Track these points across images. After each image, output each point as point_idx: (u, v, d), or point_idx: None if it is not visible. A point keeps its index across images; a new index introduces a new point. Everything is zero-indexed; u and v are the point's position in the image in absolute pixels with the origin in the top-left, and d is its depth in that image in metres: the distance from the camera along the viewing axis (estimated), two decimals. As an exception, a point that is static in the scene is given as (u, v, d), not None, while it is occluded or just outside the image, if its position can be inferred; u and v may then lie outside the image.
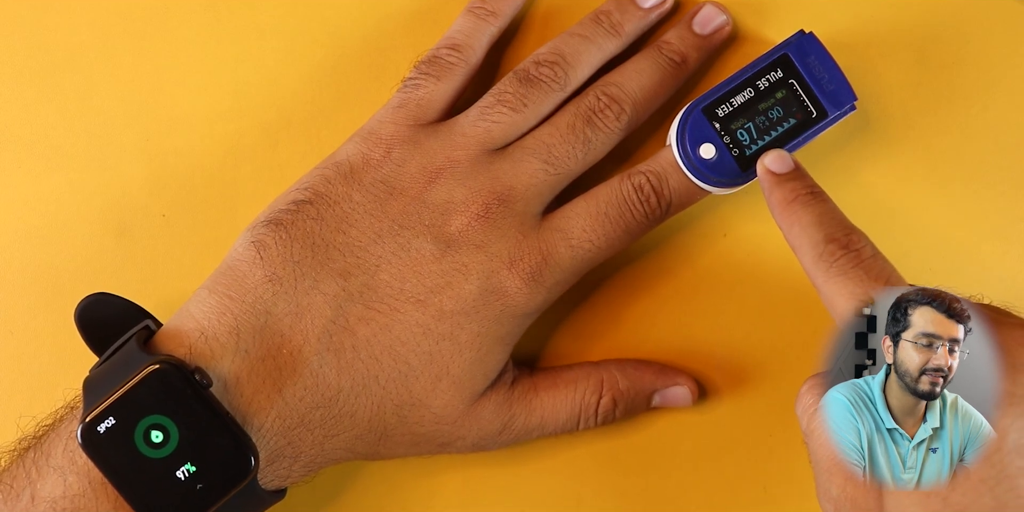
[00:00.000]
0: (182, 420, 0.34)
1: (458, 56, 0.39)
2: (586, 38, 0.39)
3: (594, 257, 0.38)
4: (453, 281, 0.37)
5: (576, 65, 0.39)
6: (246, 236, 0.37)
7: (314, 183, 0.38)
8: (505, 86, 0.39)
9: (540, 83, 0.39)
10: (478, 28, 0.40)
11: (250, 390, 0.35)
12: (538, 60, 0.39)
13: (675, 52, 0.40)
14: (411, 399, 0.37)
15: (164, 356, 0.34)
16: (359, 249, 0.37)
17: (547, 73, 0.39)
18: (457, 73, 0.39)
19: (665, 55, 0.40)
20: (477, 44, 0.40)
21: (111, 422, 0.33)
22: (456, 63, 0.39)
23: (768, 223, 0.41)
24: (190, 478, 0.33)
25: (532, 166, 0.38)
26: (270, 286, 0.36)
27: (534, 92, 0.39)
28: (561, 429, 0.40)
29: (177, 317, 0.37)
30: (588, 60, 0.39)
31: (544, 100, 0.39)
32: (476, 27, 0.40)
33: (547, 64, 0.39)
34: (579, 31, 0.40)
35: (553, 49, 0.39)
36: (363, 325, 0.37)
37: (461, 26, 0.40)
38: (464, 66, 0.40)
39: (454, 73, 0.39)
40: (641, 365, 0.41)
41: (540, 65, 0.39)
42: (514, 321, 0.38)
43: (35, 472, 0.34)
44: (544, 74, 0.39)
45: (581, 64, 0.39)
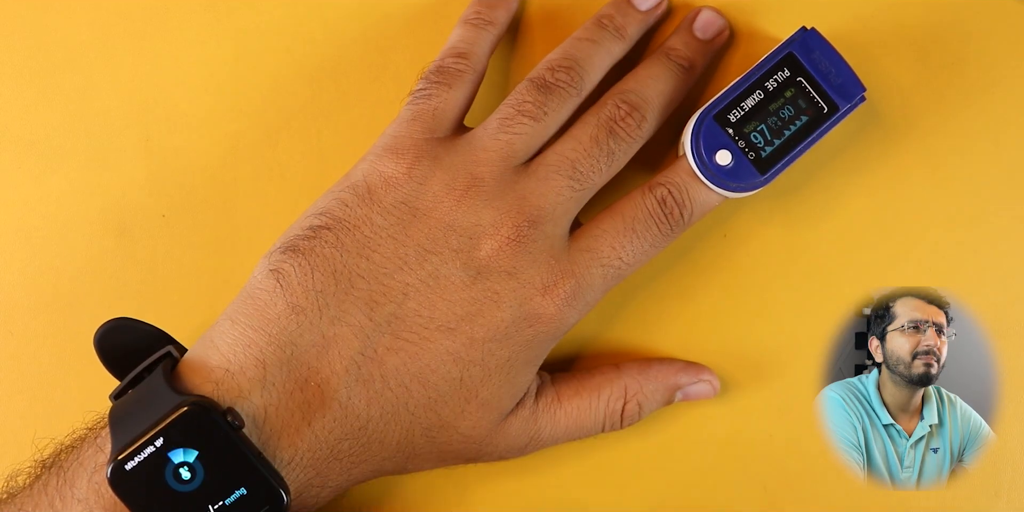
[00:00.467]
0: (213, 460, 0.33)
1: (465, 63, 0.39)
2: (595, 42, 0.39)
3: (623, 274, 0.38)
4: (484, 309, 0.36)
5: (589, 69, 0.39)
6: (264, 264, 0.36)
7: (330, 207, 0.37)
8: (523, 95, 0.38)
9: (558, 89, 0.38)
10: (479, 36, 0.40)
11: (279, 424, 0.35)
12: (552, 66, 0.38)
13: (683, 57, 0.40)
14: (440, 422, 0.36)
15: (195, 397, 0.34)
16: (384, 276, 0.36)
17: (563, 78, 0.38)
18: (467, 80, 0.39)
19: (674, 61, 0.40)
20: (480, 51, 0.39)
21: (141, 463, 0.33)
22: (464, 70, 0.39)
23: (768, 223, 0.41)
24: None
25: (559, 184, 0.37)
26: (294, 317, 0.35)
27: (552, 99, 0.38)
28: (586, 435, 0.39)
29: (201, 347, 0.36)
30: (599, 64, 0.39)
31: (562, 106, 0.38)
32: (477, 35, 0.40)
33: (562, 69, 0.38)
34: (586, 35, 0.39)
35: (565, 54, 0.39)
36: (392, 355, 0.36)
37: (462, 36, 0.40)
38: (472, 73, 0.39)
39: (464, 80, 0.39)
40: (664, 365, 0.40)
41: (555, 71, 0.38)
42: (544, 345, 0.37)
43: (59, 502, 0.34)
44: (560, 80, 0.38)
45: (593, 68, 0.39)
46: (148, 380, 0.35)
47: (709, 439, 0.41)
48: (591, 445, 0.41)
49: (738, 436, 0.41)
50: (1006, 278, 0.41)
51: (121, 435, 0.34)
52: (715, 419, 0.41)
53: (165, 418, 0.33)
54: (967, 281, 0.41)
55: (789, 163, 0.38)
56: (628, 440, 0.41)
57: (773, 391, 0.41)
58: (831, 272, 0.41)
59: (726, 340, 0.41)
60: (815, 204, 0.41)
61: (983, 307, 0.40)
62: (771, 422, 0.41)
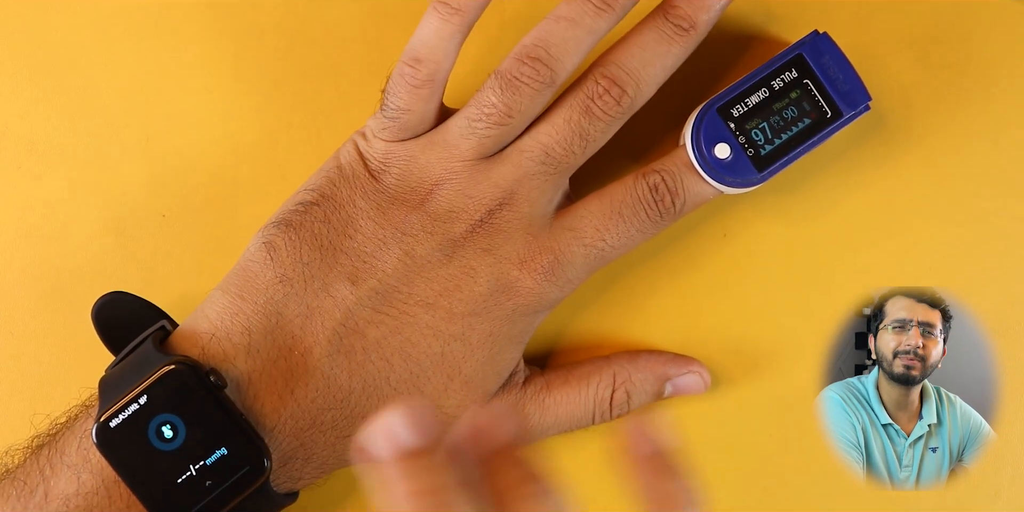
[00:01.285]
0: (196, 420, 0.34)
1: (425, 74, 0.36)
2: (573, 21, 0.36)
3: (607, 256, 0.38)
4: (462, 284, 0.37)
5: (563, 57, 0.36)
6: (258, 237, 0.37)
7: (320, 184, 0.38)
8: (488, 96, 0.36)
9: (524, 87, 0.36)
10: (442, 31, 0.36)
11: (262, 391, 0.35)
12: (520, 57, 0.36)
13: (682, 17, 0.37)
14: None
15: (179, 357, 0.34)
16: (365, 255, 0.37)
17: (530, 73, 0.36)
18: (428, 91, 0.37)
19: (671, 22, 0.37)
20: (443, 54, 0.37)
21: (125, 420, 0.34)
22: (423, 84, 0.37)
23: (768, 223, 0.41)
24: (203, 477, 0.33)
25: (532, 169, 0.37)
26: (281, 287, 0.36)
27: (519, 98, 0.36)
28: (575, 426, 0.40)
29: (192, 318, 0.37)
30: (576, 47, 0.36)
31: (532, 103, 0.37)
32: (440, 30, 0.36)
33: (530, 62, 0.36)
34: (565, 13, 0.36)
35: (537, 40, 0.36)
36: (373, 328, 0.36)
37: (424, 35, 0.37)
38: (433, 83, 0.37)
39: (423, 93, 0.37)
40: (653, 355, 0.40)
41: (523, 63, 0.36)
42: (525, 319, 0.38)
43: (49, 469, 0.35)
44: (527, 75, 0.36)
45: (569, 54, 0.36)
46: (138, 349, 0.36)
47: (708, 439, 0.41)
48: (589, 443, 0.41)
49: (738, 436, 0.41)
50: (1006, 278, 0.41)
51: (108, 398, 0.34)
52: (714, 419, 0.41)
53: (149, 376, 0.34)
54: (967, 281, 0.41)
55: (787, 164, 0.38)
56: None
57: (773, 391, 0.41)
58: (831, 271, 0.41)
59: (726, 339, 0.41)
60: (815, 203, 0.41)
61: (983, 307, 0.40)
62: (771, 422, 0.41)
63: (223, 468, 0.34)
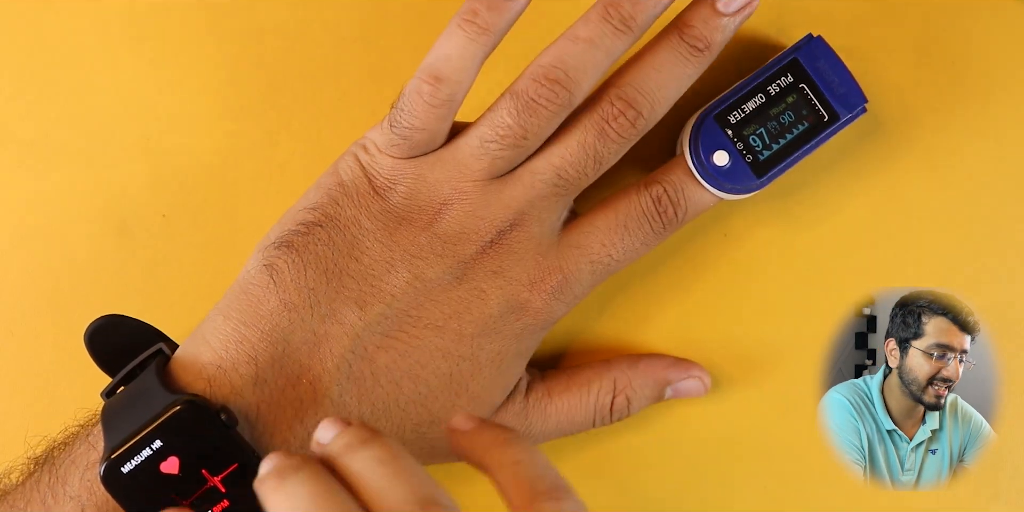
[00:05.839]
0: (208, 459, 0.33)
1: (445, 93, 0.35)
2: (592, 43, 0.35)
3: (612, 269, 0.38)
4: (472, 306, 0.36)
5: (581, 80, 0.35)
6: (257, 258, 0.37)
7: (322, 202, 0.37)
8: (503, 116, 0.36)
9: (541, 109, 0.35)
10: (467, 50, 0.35)
11: (271, 422, 0.35)
12: (537, 77, 0.35)
13: (698, 38, 0.36)
14: (430, 417, 0.37)
15: (188, 396, 0.34)
16: (373, 278, 0.36)
17: (548, 95, 0.35)
18: (446, 110, 0.36)
19: (687, 43, 0.36)
20: (465, 74, 0.35)
21: (135, 463, 0.33)
22: (442, 103, 0.35)
23: (768, 223, 0.41)
24: None
25: (543, 190, 0.36)
26: (286, 314, 0.36)
27: (535, 120, 0.35)
28: (576, 430, 0.39)
29: (192, 343, 0.36)
30: (595, 70, 0.36)
31: (548, 124, 0.36)
32: (464, 49, 0.35)
33: (548, 84, 0.35)
34: (584, 33, 0.35)
35: (556, 61, 0.35)
36: (382, 353, 0.36)
37: (447, 50, 0.35)
38: (451, 102, 0.36)
39: (440, 113, 0.36)
40: (653, 359, 0.40)
41: (541, 85, 0.35)
42: (534, 336, 0.38)
43: (51, 499, 0.34)
44: (545, 97, 0.35)
45: (588, 76, 0.36)
46: (140, 378, 0.35)
47: (708, 439, 0.41)
48: (588, 444, 0.41)
49: (738, 436, 0.41)
50: (1006, 278, 0.41)
51: (114, 433, 0.34)
52: (714, 419, 0.41)
53: (158, 417, 0.33)
54: (967, 281, 0.41)
55: (786, 168, 0.38)
56: (627, 439, 0.41)
57: (773, 391, 0.41)
58: (831, 272, 0.41)
59: (726, 340, 0.41)
60: (815, 203, 0.41)
61: (983, 307, 0.40)
62: (771, 422, 0.41)
63: (238, 505, 0.33)
